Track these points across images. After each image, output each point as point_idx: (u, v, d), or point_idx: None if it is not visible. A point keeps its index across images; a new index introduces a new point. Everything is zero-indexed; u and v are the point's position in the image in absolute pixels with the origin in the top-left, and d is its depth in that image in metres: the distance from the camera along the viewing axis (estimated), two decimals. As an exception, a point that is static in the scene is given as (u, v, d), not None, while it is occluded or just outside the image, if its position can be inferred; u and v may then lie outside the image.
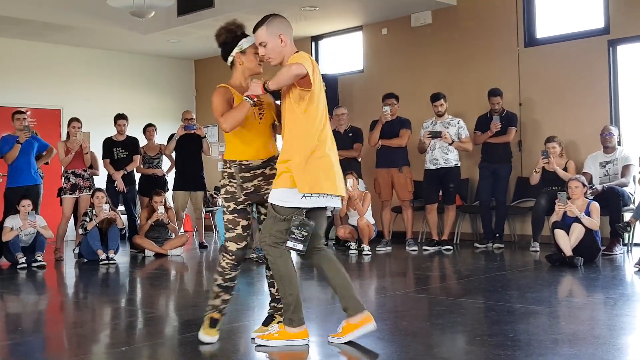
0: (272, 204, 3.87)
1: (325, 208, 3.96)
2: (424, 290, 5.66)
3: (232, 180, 4.02)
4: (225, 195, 4.01)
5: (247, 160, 4.03)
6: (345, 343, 3.83)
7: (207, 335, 3.95)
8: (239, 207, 4.01)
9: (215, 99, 3.93)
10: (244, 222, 4.01)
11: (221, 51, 4.07)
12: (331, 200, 3.85)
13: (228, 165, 4.04)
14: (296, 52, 3.94)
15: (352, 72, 10.79)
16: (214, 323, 3.99)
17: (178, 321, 4.82)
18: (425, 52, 9.88)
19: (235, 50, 4.01)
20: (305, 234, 3.75)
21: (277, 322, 4.03)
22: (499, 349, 3.62)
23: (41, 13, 9.69)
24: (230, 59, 4.04)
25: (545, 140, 8.01)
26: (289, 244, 3.78)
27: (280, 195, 3.81)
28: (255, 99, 3.89)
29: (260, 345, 3.86)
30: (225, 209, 4.01)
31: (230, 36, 4.01)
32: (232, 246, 3.99)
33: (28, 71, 10.92)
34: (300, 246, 3.76)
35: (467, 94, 9.30)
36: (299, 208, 3.79)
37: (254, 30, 3.95)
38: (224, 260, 4.01)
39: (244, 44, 4.01)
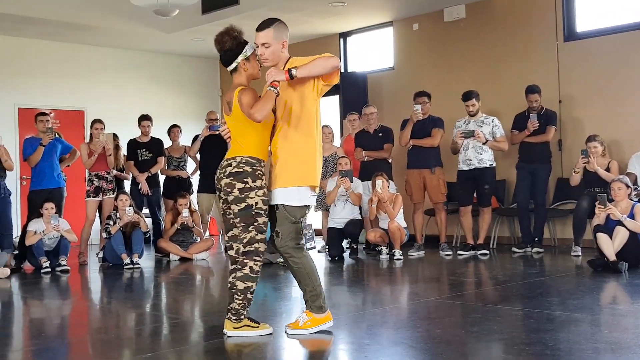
0: (284, 206, 4.13)
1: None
2: (458, 297, 5.63)
3: (264, 181, 4.18)
4: (264, 198, 4.16)
5: (265, 162, 4.26)
6: (372, 352, 3.84)
7: (267, 328, 4.26)
8: (267, 209, 4.22)
9: (245, 97, 4.10)
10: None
11: (223, 57, 4.27)
12: (314, 198, 4.29)
13: (261, 164, 4.19)
14: (290, 58, 4.23)
15: (382, 69, 10.78)
16: (255, 320, 4.28)
17: (204, 327, 4.86)
18: (458, 47, 9.83)
19: (241, 57, 4.21)
20: (312, 230, 4.12)
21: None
22: (538, 358, 3.59)
23: (63, 13, 9.84)
24: (233, 64, 4.24)
25: (586, 139, 7.92)
26: (308, 245, 4.09)
27: (292, 195, 4.12)
28: (279, 88, 4.06)
29: (294, 335, 4.17)
30: (262, 212, 4.16)
31: (235, 43, 4.21)
32: (262, 247, 4.23)
33: (51, 72, 11.09)
34: (313, 243, 4.17)
35: (503, 91, 9.23)
36: (308, 206, 4.18)
37: (259, 29, 4.18)
38: (256, 264, 4.21)
39: (248, 50, 4.22)
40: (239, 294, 4.19)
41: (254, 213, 4.13)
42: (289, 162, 4.14)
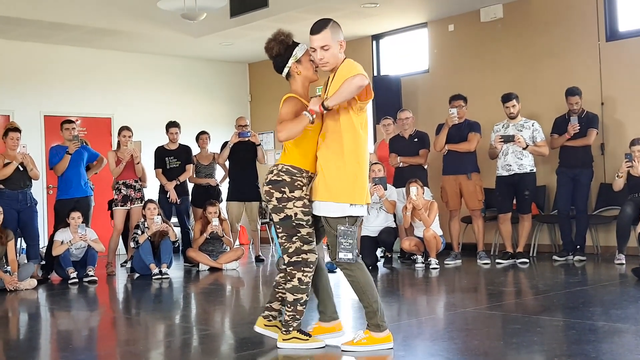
0: (325, 218, 4.13)
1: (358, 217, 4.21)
2: (497, 307, 5.62)
3: (305, 192, 4.18)
4: (303, 209, 4.16)
5: (312, 173, 4.24)
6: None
7: (317, 342, 4.25)
8: (312, 220, 4.21)
9: (284, 108, 4.11)
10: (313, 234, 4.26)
11: (274, 64, 4.25)
12: (363, 209, 4.16)
13: (302, 174, 4.18)
14: (345, 59, 4.13)
15: (417, 72, 10.78)
16: (306, 333, 4.27)
17: (234, 339, 4.90)
18: (496, 49, 9.80)
19: (291, 61, 4.18)
20: (351, 241, 4.03)
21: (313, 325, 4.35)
22: (580, 370, 3.58)
23: (89, 18, 10.01)
24: (286, 70, 4.21)
25: (630, 142, 7.84)
26: (341, 255, 4.05)
27: (331, 207, 4.09)
28: (315, 116, 4.03)
29: (347, 351, 4.10)
30: (304, 223, 4.18)
31: (282, 47, 4.18)
32: (312, 257, 4.21)
33: (77, 78, 11.27)
34: (350, 255, 4.05)
35: (543, 93, 9.18)
36: (345, 217, 4.07)
37: (314, 32, 4.07)
38: (306, 275, 4.20)
39: (298, 52, 4.18)
40: (289, 305, 4.22)
41: (294, 224, 4.16)
42: (322, 176, 4.13)
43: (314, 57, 4.11)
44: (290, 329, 4.23)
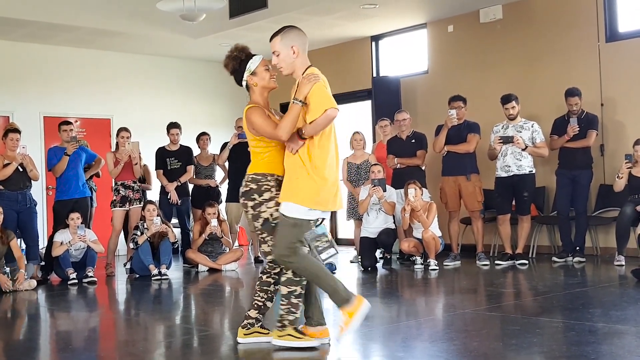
0: (284, 215, 4.21)
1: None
2: (496, 308, 5.62)
3: (274, 193, 4.29)
4: (276, 208, 4.29)
5: (279, 176, 4.34)
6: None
7: (310, 341, 4.25)
8: None
9: (256, 119, 4.24)
10: None
11: (234, 79, 4.43)
12: (326, 213, 4.30)
13: (267, 178, 4.30)
14: (309, 66, 4.28)
15: (416, 73, 10.79)
16: (301, 332, 4.29)
17: (233, 339, 4.90)
18: (495, 50, 9.81)
19: (246, 74, 4.35)
20: (326, 238, 4.18)
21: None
22: (579, 371, 3.59)
23: (89, 19, 10.01)
24: (244, 83, 4.38)
25: (634, 142, 7.81)
26: (323, 256, 4.17)
27: (290, 208, 4.18)
28: (301, 100, 4.15)
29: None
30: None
31: (236, 63, 4.37)
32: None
33: (76, 79, 11.27)
34: (332, 250, 4.20)
35: (542, 94, 9.19)
36: (307, 220, 4.19)
37: (270, 39, 4.31)
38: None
39: (251, 65, 4.36)
40: (283, 298, 4.28)
41: (274, 224, 4.28)
42: (285, 178, 4.27)
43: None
44: (286, 322, 4.26)
